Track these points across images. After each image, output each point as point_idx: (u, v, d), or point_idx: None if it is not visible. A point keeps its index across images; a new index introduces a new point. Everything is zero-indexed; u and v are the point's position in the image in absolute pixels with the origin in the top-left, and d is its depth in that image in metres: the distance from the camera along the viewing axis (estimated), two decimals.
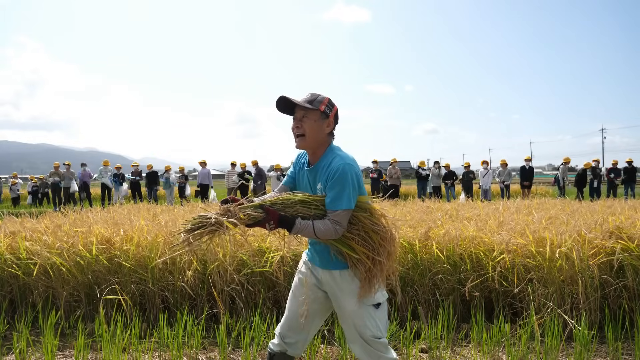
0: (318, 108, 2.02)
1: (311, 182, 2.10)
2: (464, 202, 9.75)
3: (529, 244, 3.61)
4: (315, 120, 2.02)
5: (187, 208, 7.13)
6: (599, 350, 3.13)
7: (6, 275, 3.83)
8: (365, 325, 2.05)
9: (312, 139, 2.03)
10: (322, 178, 2.03)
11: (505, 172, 15.62)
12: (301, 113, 2.03)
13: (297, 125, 2.04)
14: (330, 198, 1.97)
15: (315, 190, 2.07)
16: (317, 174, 2.06)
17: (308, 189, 2.12)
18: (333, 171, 1.97)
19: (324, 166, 2.03)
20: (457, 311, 3.65)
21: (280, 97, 2.02)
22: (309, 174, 2.11)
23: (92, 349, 3.12)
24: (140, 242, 3.87)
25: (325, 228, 1.94)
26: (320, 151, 2.07)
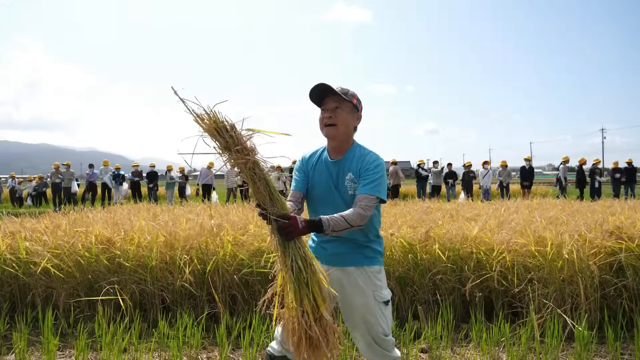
0: (351, 101, 2.05)
1: (336, 174, 2.09)
2: (464, 202, 9.75)
3: (530, 243, 3.61)
4: (348, 112, 2.06)
5: (187, 208, 7.13)
6: (599, 350, 3.13)
7: (6, 275, 3.83)
8: (377, 323, 2.07)
9: (343, 129, 2.06)
10: (353, 168, 2.05)
11: (505, 172, 15.63)
12: (334, 104, 2.04)
13: (330, 115, 2.04)
14: (370, 182, 1.98)
15: (343, 182, 2.07)
16: (347, 165, 2.07)
17: (330, 183, 2.10)
18: (372, 161, 2.03)
19: (356, 157, 2.07)
20: (457, 311, 3.65)
21: (319, 84, 2.02)
22: (333, 167, 2.10)
23: (92, 349, 3.12)
24: (140, 242, 3.87)
25: (356, 215, 1.93)
26: (346, 145, 2.11)
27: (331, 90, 2.02)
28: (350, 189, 2.07)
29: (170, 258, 3.73)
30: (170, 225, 4.31)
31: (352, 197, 2.05)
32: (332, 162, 2.11)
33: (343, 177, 2.07)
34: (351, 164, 2.07)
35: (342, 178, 2.07)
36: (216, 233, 4.01)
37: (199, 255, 3.71)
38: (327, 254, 2.12)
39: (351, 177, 2.05)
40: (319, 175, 2.15)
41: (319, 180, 2.14)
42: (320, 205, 2.16)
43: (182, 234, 3.99)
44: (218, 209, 6.75)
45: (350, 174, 2.06)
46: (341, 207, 2.06)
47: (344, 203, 2.07)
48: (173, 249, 3.79)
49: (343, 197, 2.08)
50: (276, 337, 2.24)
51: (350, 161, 2.07)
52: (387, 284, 3.65)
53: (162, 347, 3.05)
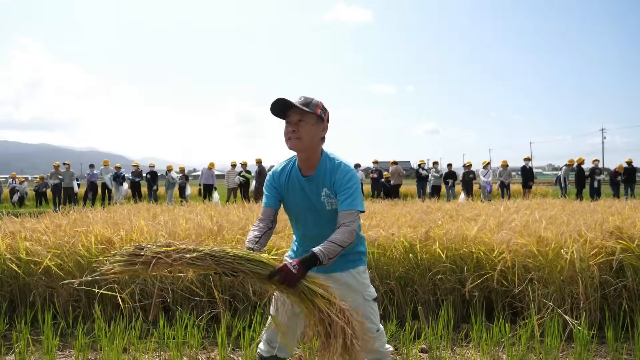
0: (314, 112, 1.99)
1: (311, 190, 2.05)
2: (464, 202, 9.75)
3: (530, 243, 3.61)
4: (312, 124, 1.99)
5: (187, 208, 7.13)
6: (599, 350, 3.13)
7: (6, 275, 3.83)
8: (370, 321, 2.10)
9: (307, 142, 1.99)
10: (327, 183, 2.02)
11: (505, 172, 15.63)
12: (297, 117, 1.98)
13: (293, 128, 1.98)
14: (347, 197, 1.96)
15: (319, 197, 2.04)
16: (321, 180, 2.04)
17: (307, 202, 2.07)
18: (344, 174, 1.99)
19: (328, 170, 2.03)
20: (457, 311, 3.65)
21: (278, 99, 1.97)
22: (307, 183, 2.06)
23: (92, 349, 3.12)
24: (140, 242, 3.86)
25: (345, 236, 1.92)
26: (314, 156, 2.05)
27: (291, 105, 1.97)
28: (328, 205, 2.04)
29: None
30: (170, 225, 4.32)
31: (331, 212, 2.04)
32: (305, 180, 2.06)
33: (319, 193, 2.04)
34: (324, 179, 2.03)
35: (318, 195, 2.04)
36: (216, 232, 4.01)
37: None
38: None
39: (326, 192, 2.02)
40: (293, 194, 2.10)
41: (295, 199, 2.10)
42: (301, 223, 2.15)
43: (182, 234, 3.99)
44: (218, 208, 6.76)
45: (325, 189, 2.02)
46: (322, 223, 2.07)
47: (324, 219, 2.07)
48: None
49: (322, 213, 2.06)
50: (262, 337, 2.25)
51: (323, 176, 2.03)
52: (387, 284, 3.68)
53: (162, 347, 3.05)
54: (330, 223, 2.04)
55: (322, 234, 2.06)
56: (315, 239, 2.08)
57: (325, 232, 2.05)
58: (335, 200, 2.02)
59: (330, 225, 2.03)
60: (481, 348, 3.02)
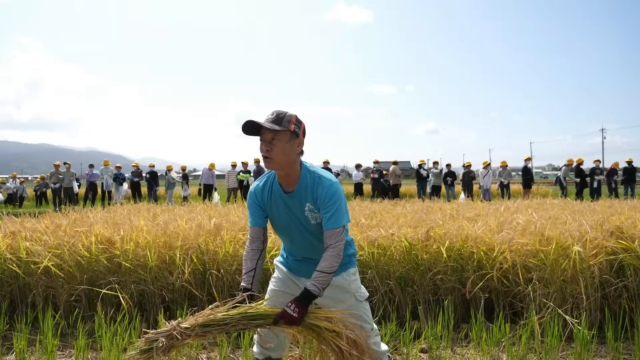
0: (288, 128, 1.94)
1: (294, 206, 2.04)
2: (464, 202, 9.76)
3: (532, 243, 3.61)
4: (286, 142, 1.94)
5: (187, 208, 7.13)
6: (599, 350, 3.13)
7: (6, 275, 3.83)
8: (364, 321, 2.15)
9: (284, 160, 1.96)
10: (309, 198, 2.00)
11: (505, 172, 15.63)
12: (270, 135, 1.93)
13: (267, 148, 1.94)
14: (331, 216, 1.95)
15: (303, 213, 2.03)
16: (303, 196, 2.02)
17: (291, 217, 2.06)
18: (325, 190, 1.97)
19: (309, 186, 2.01)
20: (457, 311, 3.64)
21: (246, 122, 1.93)
22: (290, 200, 2.04)
23: (92, 349, 3.12)
24: (140, 242, 3.87)
25: (333, 260, 1.94)
26: (293, 172, 2.01)
27: (260, 126, 1.93)
28: (312, 219, 2.03)
29: (169, 258, 3.73)
30: (170, 225, 4.31)
31: (316, 226, 2.04)
32: (287, 196, 2.04)
33: (302, 209, 2.02)
34: (306, 193, 2.01)
35: (301, 210, 2.03)
36: (215, 232, 4.01)
37: (199, 255, 3.71)
38: (304, 270, 2.14)
39: (309, 207, 2.01)
40: (277, 210, 2.09)
41: (279, 215, 2.09)
42: (287, 237, 2.16)
43: (182, 234, 3.99)
44: (218, 209, 6.75)
45: (308, 204, 2.01)
46: (308, 236, 2.07)
47: (309, 233, 2.07)
48: (172, 249, 3.79)
49: (307, 228, 2.06)
50: (255, 340, 2.26)
51: (305, 191, 2.01)
52: (387, 284, 3.67)
53: None
54: (316, 234, 2.06)
55: (310, 244, 2.10)
56: (303, 249, 2.14)
57: (312, 242, 2.09)
58: (319, 215, 2.01)
59: (316, 236, 2.06)
60: (481, 348, 3.02)
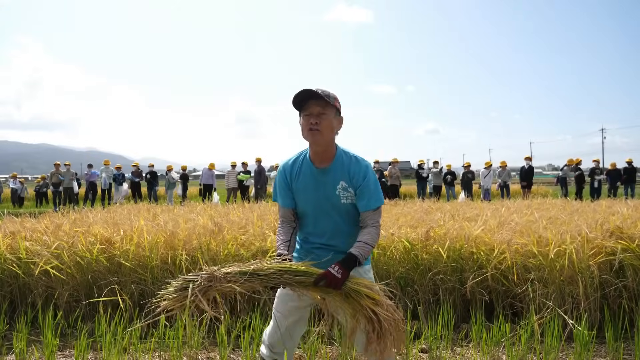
0: (334, 104, 2.00)
1: (326, 183, 2.02)
2: (464, 201, 9.76)
3: (530, 243, 3.61)
4: (332, 117, 1.99)
5: (187, 208, 7.13)
6: (599, 350, 3.13)
7: (6, 275, 3.83)
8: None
9: (328, 135, 1.98)
10: (345, 176, 2.01)
11: (504, 172, 15.64)
12: (318, 109, 1.96)
13: (316, 120, 1.95)
14: (371, 197, 2.00)
15: (335, 190, 2.01)
16: (338, 173, 2.02)
17: (321, 194, 2.03)
18: (362, 171, 2.01)
19: (345, 164, 2.03)
20: (457, 311, 3.64)
21: (304, 89, 1.95)
22: (322, 175, 2.03)
23: (92, 349, 3.12)
24: (140, 242, 3.87)
25: (374, 234, 1.98)
26: (330, 150, 2.04)
27: (317, 95, 1.95)
28: (344, 198, 2.01)
29: (170, 258, 3.73)
30: (170, 225, 4.31)
31: (345, 206, 2.02)
32: (319, 171, 2.03)
33: (334, 186, 2.01)
34: (342, 172, 2.02)
35: (333, 187, 2.01)
36: (217, 233, 4.01)
37: (202, 255, 3.71)
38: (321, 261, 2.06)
39: (343, 185, 2.00)
40: (304, 186, 2.06)
41: (307, 192, 2.06)
42: (310, 217, 2.10)
43: (182, 234, 3.99)
44: (218, 208, 6.75)
45: (342, 182, 2.00)
46: (334, 217, 2.05)
47: (337, 213, 2.05)
48: (173, 249, 3.79)
49: (336, 206, 2.03)
50: (264, 341, 2.23)
51: (341, 169, 2.02)
52: (387, 284, 3.67)
53: (162, 347, 3.05)
54: (341, 217, 2.03)
55: (334, 225, 2.05)
56: (325, 232, 2.07)
57: (337, 223, 2.05)
58: (352, 194, 2.01)
59: (343, 216, 2.03)
60: (481, 348, 3.02)
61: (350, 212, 2.05)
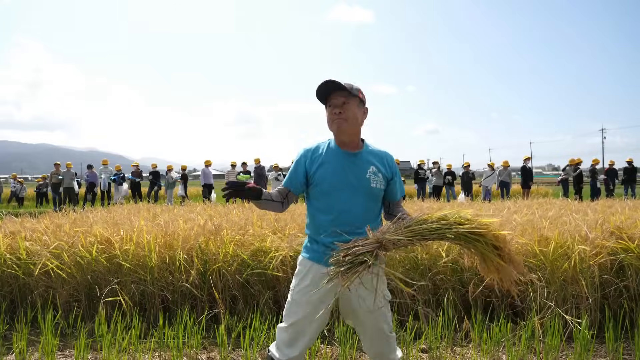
0: (357, 95, 2.04)
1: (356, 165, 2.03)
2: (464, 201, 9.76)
3: (531, 243, 3.60)
4: (356, 106, 2.03)
5: (187, 208, 7.13)
6: (599, 350, 3.13)
7: (6, 275, 3.82)
8: (386, 322, 2.11)
9: (353, 123, 2.02)
10: (376, 162, 2.08)
11: (505, 172, 15.64)
12: (342, 99, 2.00)
13: (339, 110, 2.00)
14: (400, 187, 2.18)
15: (365, 174, 2.03)
16: (367, 158, 2.07)
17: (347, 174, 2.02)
18: (392, 162, 2.15)
19: (375, 153, 2.11)
20: (457, 311, 3.64)
21: (327, 80, 1.99)
22: (352, 158, 2.05)
23: (92, 349, 3.12)
24: (140, 242, 3.87)
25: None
26: (357, 140, 2.09)
27: (339, 86, 1.99)
28: (374, 182, 2.04)
29: (169, 258, 3.73)
30: (170, 226, 4.31)
31: (373, 190, 2.03)
32: (347, 153, 2.05)
33: (364, 169, 2.04)
34: (373, 157, 2.08)
35: (363, 170, 2.03)
36: (216, 233, 4.00)
37: (199, 256, 3.71)
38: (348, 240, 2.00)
39: (374, 169, 2.05)
40: (331, 167, 2.03)
41: (336, 172, 2.03)
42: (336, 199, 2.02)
43: (182, 234, 3.99)
44: (218, 208, 6.75)
45: (372, 167, 2.06)
46: (360, 198, 2.01)
47: (364, 195, 2.02)
48: (172, 249, 3.79)
49: (363, 189, 2.02)
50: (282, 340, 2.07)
51: (370, 155, 2.09)
52: (388, 284, 3.67)
53: (162, 347, 3.05)
54: (371, 198, 2.04)
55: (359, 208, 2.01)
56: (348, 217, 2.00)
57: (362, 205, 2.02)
58: (381, 181, 2.06)
59: (369, 199, 2.03)
60: (481, 348, 3.01)
61: (377, 197, 2.08)
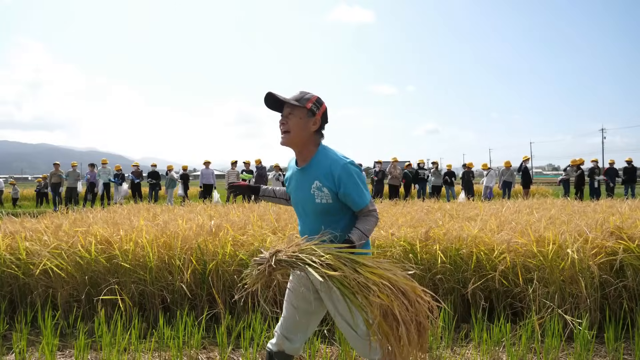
0: (304, 105, 2.00)
1: (303, 182, 2.05)
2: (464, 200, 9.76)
3: (530, 243, 3.61)
4: (300, 118, 2.00)
5: (187, 208, 7.13)
6: (599, 350, 3.13)
7: (6, 275, 3.82)
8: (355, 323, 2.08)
9: (296, 136, 2.00)
10: (319, 175, 1.99)
11: (507, 171, 15.63)
12: (287, 110, 2.02)
13: (283, 122, 2.02)
14: (356, 197, 1.97)
15: (309, 190, 2.02)
16: (312, 172, 2.02)
17: (299, 192, 2.09)
18: (339, 170, 1.95)
19: (321, 163, 2.00)
20: (457, 311, 3.64)
21: (268, 94, 2.01)
22: (300, 174, 2.07)
23: (92, 349, 3.12)
24: (140, 242, 3.87)
25: (370, 224, 2.00)
26: (307, 150, 2.04)
27: (276, 99, 2.01)
28: (318, 197, 2.00)
29: (169, 258, 3.73)
30: (170, 226, 4.31)
31: (320, 206, 2.00)
32: (298, 170, 2.08)
33: (309, 185, 2.02)
34: (316, 171, 2.00)
35: (307, 186, 2.02)
36: (215, 233, 4.00)
37: (199, 256, 3.71)
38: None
39: (317, 185, 1.99)
40: (291, 184, 2.15)
41: (293, 190, 2.14)
42: (298, 216, 2.18)
43: (182, 234, 3.99)
44: (218, 208, 6.75)
45: (316, 182, 1.99)
46: (309, 215, 2.06)
47: (312, 212, 2.04)
48: (172, 249, 3.79)
49: (311, 205, 2.03)
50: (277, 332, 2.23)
51: (316, 168, 2.01)
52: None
53: (162, 347, 3.05)
54: (318, 216, 2.03)
55: (311, 227, 2.05)
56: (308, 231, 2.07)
57: (313, 225, 2.05)
58: (327, 194, 1.98)
59: (318, 216, 2.03)
60: (481, 348, 3.01)
61: (328, 211, 2.02)
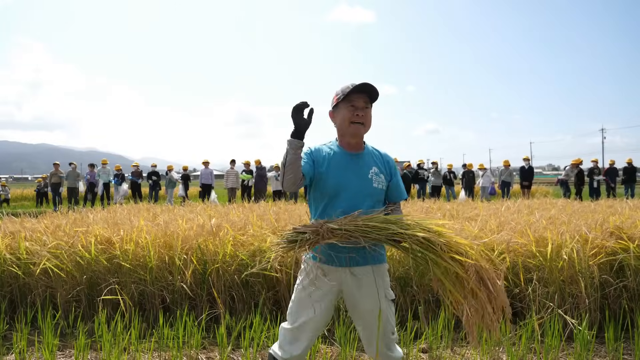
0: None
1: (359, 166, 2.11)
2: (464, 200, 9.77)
3: (530, 243, 3.60)
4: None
5: (187, 208, 7.13)
6: (599, 350, 3.13)
7: (6, 275, 3.83)
8: (389, 321, 2.10)
9: (368, 128, 2.13)
10: (377, 163, 2.16)
11: (507, 171, 15.64)
12: (364, 103, 2.09)
13: (362, 113, 2.08)
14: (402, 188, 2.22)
15: (367, 174, 2.10)
16: (370, 159, 2.15)
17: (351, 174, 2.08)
18: (393, 164, 2.21)
19: (376, 155, 2.19)
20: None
21: (367, 84, 2.05)
22: (355, 159, 2.13)
23: (92, 349, 3.12)
24: (140, 242, 3.87)
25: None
26: (362, 141, 2.17)
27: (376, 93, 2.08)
28: (376, 182, 2.10)
29: (169, 258, 3.73)
30: (170, 226, 4.31)
31: (375, 189, 2.10)
32: (351, 154, 2.13)
33: (367, 169, 2.11)
34: (374, 158, 2.16)
35: (366, 170, 2.11)
36: (215, 233, 4.00)
37: (199, 256, 3.71)
38: (343, 256, 2.03)
39: (375, 170, 2.12)
40: (336, 167, 2.09)
41: (338, 171, 2.08)
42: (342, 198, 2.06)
43: (182, 234, 3.99)
44: (218, 208, 6.75)
45: (374, 167, 2.13)
46: (363, 197, 2.07)
47: (368, 194, 2.09)
48: (172, 249, 3.79)
49: (368, 188, 2.09)
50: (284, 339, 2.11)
51: (371, 156, 2.16)
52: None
53: (162, 347, 3.05)
54: (370, 201, 2.08)
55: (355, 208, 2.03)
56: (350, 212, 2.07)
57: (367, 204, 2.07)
58: (382, 181, 2.13)
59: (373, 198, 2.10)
60: (481, 348, 3.01)
61: (379, 197, 2.14)
